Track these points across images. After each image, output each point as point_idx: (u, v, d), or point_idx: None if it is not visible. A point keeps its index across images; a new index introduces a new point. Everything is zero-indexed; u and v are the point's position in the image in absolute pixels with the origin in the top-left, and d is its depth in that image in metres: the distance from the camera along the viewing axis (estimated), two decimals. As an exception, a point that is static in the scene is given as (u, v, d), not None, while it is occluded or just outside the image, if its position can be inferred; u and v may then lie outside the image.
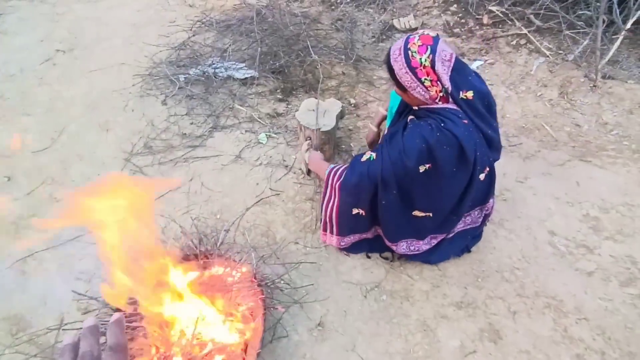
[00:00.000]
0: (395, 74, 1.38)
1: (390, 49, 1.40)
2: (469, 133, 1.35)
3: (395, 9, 3.30)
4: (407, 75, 1.36)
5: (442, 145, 1.34)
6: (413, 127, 1.41)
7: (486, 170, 1.47)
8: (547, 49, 2.83)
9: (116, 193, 0.87)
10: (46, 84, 2.73)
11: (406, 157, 1.38)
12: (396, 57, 1.36)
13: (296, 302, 1.64)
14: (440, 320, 1.63)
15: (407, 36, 1.37)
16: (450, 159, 1.36)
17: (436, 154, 1.35)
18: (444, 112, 1.38)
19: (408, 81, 1.37)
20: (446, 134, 1.33)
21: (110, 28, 3.22)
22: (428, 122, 1.37)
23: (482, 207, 1.66)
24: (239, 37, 3.02)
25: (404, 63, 1.35)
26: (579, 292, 1.69)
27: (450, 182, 1.42)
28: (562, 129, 2.38)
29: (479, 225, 1.77)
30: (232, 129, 2.42)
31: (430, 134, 1.34)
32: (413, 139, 1.37)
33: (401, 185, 1.46)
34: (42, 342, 1.54)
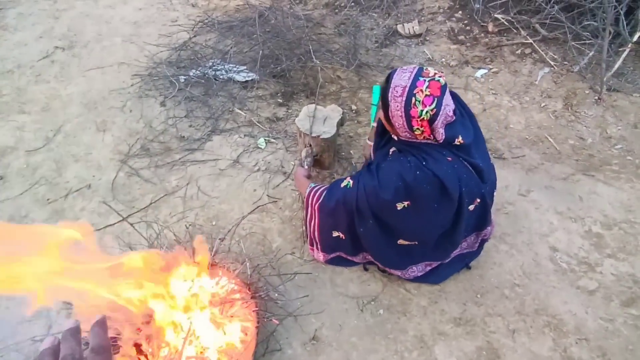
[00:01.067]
0: (389, 110, 1.28)
1: (393, 76, 1.27)
2: (453, 170, 1.30)
3: (400, 14, 3.26)
4: (400, 118, 1.27)
5: (422, 184, 1.29)
6: (391, 162, 1.36)
7: (476, 201, 1.42)
8: (552, 59, 2.79)
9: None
10: (44, 81, 2.69)
11: (382, 192, 1.33)
12: (396, 96, 1.25)
13: (290, 314, 1.61)
14: (437, 337, 1.59)
15: (416, 72, 1.25)
16: (431, 196, 1.31)
17: (415, 192, 1.30)
18: (427, 148, 1.33)
19: (398, 123, 1.29)
20: (426, 172, 1.28)
21: (111, 26, 3.18)
22: (408, 158, 1.31)
23: (479, 233, 1.62)
24: (241, 39, 2.98)
25: (402, 107, 1.24)
26: (579, 311, 1.66)
27: (432, 215, 1.37)
28: (566, 141, 2.34)
29: (476, 251, 1.74)
30: (231, 133, 2.38)
31: (409, 172, 1.29)
32: (390, 175, 1.32)
33: (378, 217, 1.42)
34: (27, 350, 1.50)
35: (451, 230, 1.48)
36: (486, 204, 1.48)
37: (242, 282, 1.54)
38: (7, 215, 1.96)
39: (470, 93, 2.64)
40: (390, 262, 1.62)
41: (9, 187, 2.09)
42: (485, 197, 1.45)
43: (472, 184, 1.35)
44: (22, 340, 1.52)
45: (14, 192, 2.07)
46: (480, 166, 1.38)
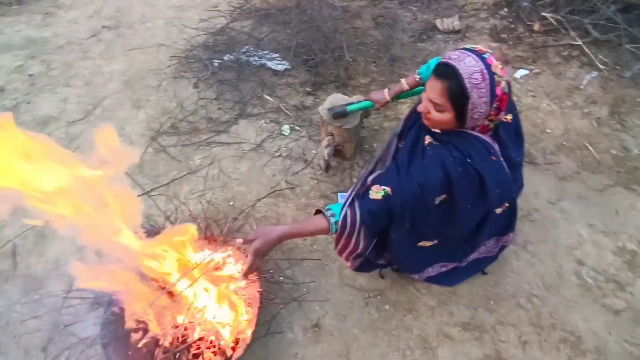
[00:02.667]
0: (470, 103, 1.11)
1: (456, 70, 1.10)
2: (495, 171, 1.21)
3: (441, 8, 3.16)
4: (485, 105, 1.12)
5: (462, 181, 1.19)
6: (434, 155, 1.22)
7: (504, 205, 1.34)
8: (602, 62, 2.60)
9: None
10: (89, 58, 2.85)
11: (427, 190, 1.21)
12: (478, 82, 1.09)
13: (294, 299, 1.61)
14: (443, 339, 1.54)
15: (478, 53, 1.11)
16: (468, 196, 1.22)
17: (454, 188, 1.20)
18: (474, 142, 1.21)
19: (480, 113, 1.14)
20: (470, 171, 1.18)
21: (155, 9, 3.31)
22: (452, 153, 1.19)
23: (499, 238, 1.55)
24: (277, 27, 3.00)
25: (488, 91, 1.10)
26: (601, 331, 1.54)
27: (463, 216, 1.29)
28: (608, 151, 2.18)
29: (494, 256, 1.66)
30: (257, 118, 2.41)
31: (454, 167, 1.18)
32: (435, 169, 1.19)
33: (414, 219, 1.29)
34: (50, 304, 1.61)
35: (474, 233, 1.42)
36: (514, 209, 1.41)
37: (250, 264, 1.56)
38: (45, 179, 2.09)
39: (507, 94, 2.51)
40: (410, 266, 1.57)
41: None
42: (515, 202, 1.37)
43: (507, 187, 1.27)
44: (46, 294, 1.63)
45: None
46: (517, 161, 1.30)
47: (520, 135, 1.39)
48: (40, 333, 1.54)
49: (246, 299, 1.47)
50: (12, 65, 2.79)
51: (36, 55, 2.87)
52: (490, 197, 1.23)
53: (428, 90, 1.19)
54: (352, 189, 1.34)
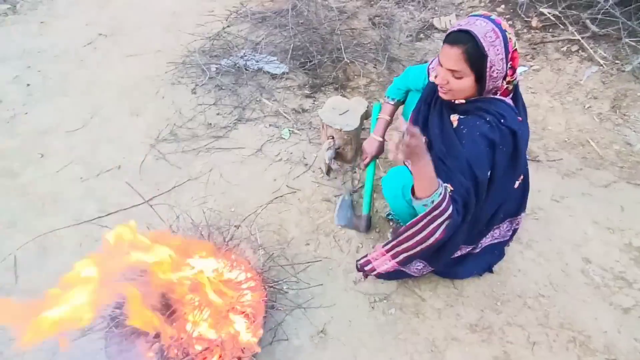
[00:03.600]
0: (488, 61, 1.15)
1: (472, 33, 1.13)
2: (523, 132, 1.23)
3: (438, 7, 3.15)
4: (502, 62, 1.16)
5: (500, 146, 1.19)
6: (470, 132, 1.21)
7: (520, 178, 1.34)
8: (602, 57, 2.59)
9: None
10: (85, 66, 2.83)
11: (477, 169, 1.19)
12: (493, 40, 1.14)
13: (300, 306, 1.60)
14: (450, 342, 1.52)
15: (485, 16, 1.17)
16: (503, 161, 1.22)
17: (496, 156, 1.20)
18: (501, 104, 1.22)
19: (498, 70, 1.17)
20: (504, 131, 1.19)
21: (151, 15, 3.29)
22: (486, 118, 1.19)
23: (513, 220, 1.54)
24: (273, 30, 2.99)
25: (502, 48, 1.15)
26: (611, 330, 1.53)
27: (496, 187, 1.26)
28: (610, 146, 2.16)
29: (507, 240, 1.64)
30: (257, 122, 2.40)
31: (492, 132, 1.18)
32: (477, 144, 1.18)
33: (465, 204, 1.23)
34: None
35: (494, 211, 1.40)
36: (527, 184, 1.40)
37: (254, 270, 1.55)
38: (45, 190, 2.08)
39: (507, 91, 2.50)
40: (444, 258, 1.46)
41: (47, 164, 2.22)
42: (527, 175, 1.37)
43: (526, 154, 1.28)
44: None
45: (52, 170, 2.19)
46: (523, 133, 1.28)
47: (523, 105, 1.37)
48: (44, 347, 1.52)
49: (252, 307, 1.45)
50: (8, 76, 2.77)
51: (33, 65, 2.86)
52: (521, 161, 1.24)
53: (444, 60, 1.20)
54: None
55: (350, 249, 1.80)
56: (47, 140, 2.34)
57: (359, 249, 1.81)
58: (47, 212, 1.98)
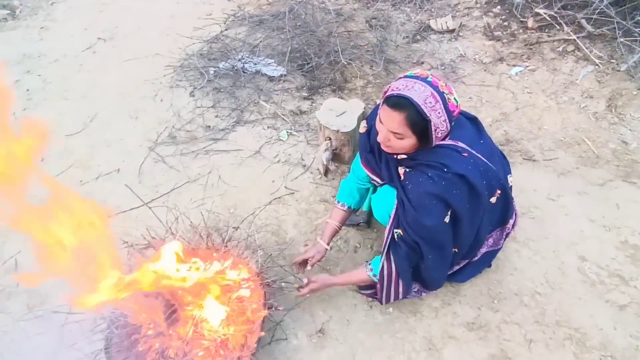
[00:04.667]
0: (432, 125, 1.17)
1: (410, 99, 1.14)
2: (472, 166, 1.25)
3: (434, 8, 3.17)
4: (444, 123, 1.19)
5: (452, 191, 1.24)
6: (413, 187, 1.28)
7: (497, 193, 1.36)
8: (597, 57, 2.60)
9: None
10: (85, 70, 2.86)
11: (424, 220, 1.27)
12: (433, 105, 1.15)
13: (298, 305, 1.61)
14: (447, 340, 1.53)
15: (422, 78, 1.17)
16: (462, 199, 1.26)
17: (450, 201, 1.25)
18: (441, 151, 1.26)
19: (442, 130, 1.20)
20: (450, 178, 1.23)
21: (149, 19, 3.32)
22: (428, 174, 1.25)
23: (503, 228, 1.55)
24: (271, 32, 3.01)
25: (443, 111, 1.17)
26: (607, 327, 1.54)
27: (468, 217, 1.32)
28: (606, 145, 2.18)
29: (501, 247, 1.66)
30: (255, 124, 2.42)
31: (435, 186, 1.23)
32: (421, 200, 1.26)
33: (434, 246, 1.35)
34: (54, 319, 1.60)
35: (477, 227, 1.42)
36: (507, 195, 1.42)
37: (252, 270, 1.56)
38: (44, 195, 2.09)
39: (503, 91, 2.52)
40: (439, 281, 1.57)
41: (47, 168, 2.23)
42: (506, 188, 1.39)
43: (490, 175, 1.30)
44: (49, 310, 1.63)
45: (52, 173, 2.20)
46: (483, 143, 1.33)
47: (470, 119, 1.40)
48: (45, 349, 1.53)
49: (250, 307, 1.46)
50: (8, 80, 2.79)
51: (32, 70, 2.88)
52: (481, 191, 1.27)
53: (386, 121, 1.21)
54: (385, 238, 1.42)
55: (349, 248, 1.82)
56: (47, 144, 2.35)
57: (357, 249, 1.82)
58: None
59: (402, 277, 1.45)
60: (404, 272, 1.43)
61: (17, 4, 3.55)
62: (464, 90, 2.54)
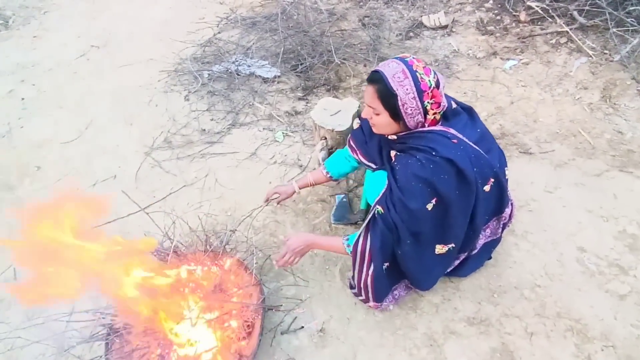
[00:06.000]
0: (398, 100, 1.22)
1: (381, 73, 1.23)
2: (462, 152, 1.26)
3: (426, 5, 3.17)
4: (413, 100, 1.22)
5: (439, 175, 1.24)
6: (401, 168, 1.29)
7: (490, 181, 1.35)
8: (590, 48, 2.61)
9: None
10: (79, 78, 2.86)
11: (409, 202, 1.27)
12: (401, 80, 1.21)
13: (298, 305, 1.61)
14: (449, 335, 1.53)
15: (401, 58, 1.24)
16: (450, 184, 1.26)
17: (437, 186, 1.25)
18: (430, 135, 1.27)
19: (412, 108, 1.24)
20: (438, 162, 1.23)
21: (142, 25, 3.32)
22: (416, 157, 1.26)
23: (499, 217, 1.54)
24: (264, 34, 3.01)
25: (412, 87, 1.21)
26: (607, 317, 1.54)
27: (457, 205, 1.31)
28: (602, 135, 2.18)
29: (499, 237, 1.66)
30: (250, 126, 2.42)
31: (423, 170, 1.24)
32: (408, 182, 1.26)
33: (413, 232, 1.33)
34: (53, 327, 1.60)
35: (472, 216, 1.41)
36: (501, 183, 1.41)
37: (251, 272, 1.56)
38: (42, 202, 2.09)
39: (497, 85, 2.52)
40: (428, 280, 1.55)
41: (44, 177, 2.24)
42: (499, 176, 1.38)
43: (482, 163, 1.30)
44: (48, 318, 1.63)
45: (49, 181, 2.21)
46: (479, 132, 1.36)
47: (466, 109, 1.41)
48: (44, 357, 1.53)
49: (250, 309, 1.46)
50: (3, 90, 2.80)
51: (26, 79, 2.88)
52: (470, 177, 1.27)
53: (365, 96, 1.32)
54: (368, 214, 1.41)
55: (347, 247, 1.81)
56: (43, 153, 2.36)
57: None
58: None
59: (373, 259, 1.40)
60: (375, 251, 1.38)
61: (9, 13, 3.56)
62: (459, 86, 2.54)
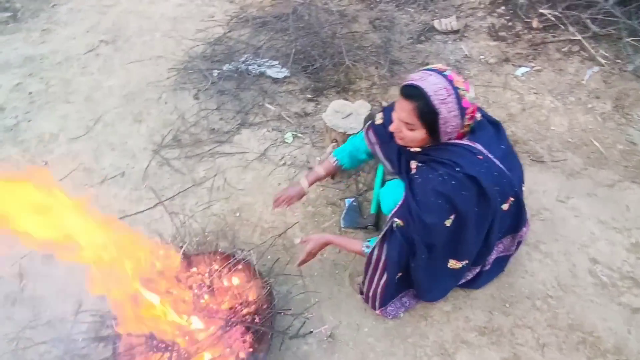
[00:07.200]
0: (440, 118, 1.16)
1: (422, 90, 1.15)
2: (486, 170, 1.23)
3: (438, 9, 3.15)
4: (455, 119, 1.17)
5: (460, 192, 1.21)
6: (422, 182, 1.25)
7: (509, 200, 1.33)
8: (603, 57, 2.59)
9: None
10: (88, 73, 2.84)
11: (426, 216, 1.24)
12: (444, 98, 1.14)
13: (307, 310, 1.59)
14: (460, 345, 1.52)
15: (439, 71, 1.18)
16: (470, 201, 1.23)
17: (456, 202, 1.22)
18: (456, 150, 1.24)
19: (452, 125, 1.18)
20: (460, 178, 1.20)
21: (152, 21, 3.30)
22: (438, 172, 1.22)
23: (514, 235, 1.52)
24: (274, 34, 2.99)
25: (455, 105, 1.15)
26: (620, 330, 1.52)
27: (475, 222, 1.28)
28: (614, 146, 2.16)
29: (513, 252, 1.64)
30: (260, 127, 2.40)
31: (444, 185, 1.21)
32: (427, 197, 1.23)
33: (428, 245, 1.31)
34: (60, 326, 1.58)
35: (487, 233, 1.39)
36: (520, 203, 1.40)
37: (259, 275, 1.54)
38: (49, 198, 2.07)
39: (509, 92, 2.50)
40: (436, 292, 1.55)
41: (51, 172, 2.22)
42: (519, 195, 1.36)
43: (504, 182, 1.28)
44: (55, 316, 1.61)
45: (56, 177, 2.18)
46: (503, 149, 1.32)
47: (494, 123, 1.38)
48: (51, 356, 1.51)
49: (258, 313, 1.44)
50: (10, 83, 2.78)
51: (35, 73, 2.86)
52: (491, 196, 1.24)
53: (398, 110, 1.24)
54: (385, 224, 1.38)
55: (357, 252, 1.80)
56: (50, 148, 2.34)
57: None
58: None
59: (388, 269, 1.40)
60: (391, 263, 1.37)
61: (18, 6, 3.53)
62: (470, 91, 2.53)
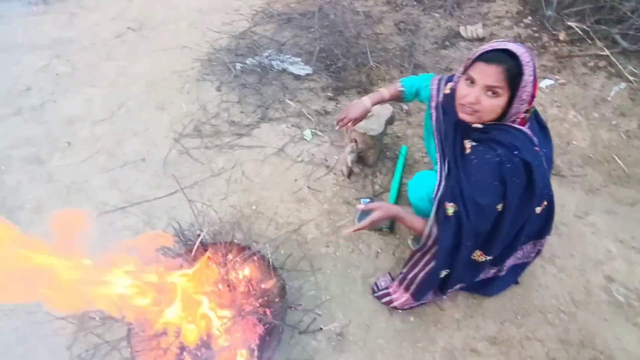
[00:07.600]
0: (522, 80, 1.16)
1: (513, 52, 1.14)
2: (540, 162, 1.21)
3: (464, 15, 3.14)
4: (531, 85, 1.17)
5: (512, 177, 1.19)
6: (479, 163, 1.22)
7: (543, 204, 1.32)
8: (632, 74, 2.55)
9: None
10: (113, 59, 2.88)
11: (480, 197, 1.20)
12: (528, 61, 1.15)
13: (318, 307, 1.60)
14: (469, 353, 1.51)
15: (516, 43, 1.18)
16: (516, 191, 1.20)
17: (507, 187, 1.19)
18: (517, 134, 1.22)
19: (527, 93, 1.18)
20: (516, 163, 1.18)
21: (178, 11, 3.34)
22: (497, 151, 1.20)
23: (537, 242, 1.51)
24: (299, 31, 3.01)
25: (532, 70, 1.16)
26: (635, 351, 1.50)
27: (513, 213, 1.25)
28: (638, 164, 2.13)
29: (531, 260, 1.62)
30: (279, 122, 2.41)
31: (501, 167, 1.18)
32: (484, 177, 1.20)
33: (476, 233, 1.27)
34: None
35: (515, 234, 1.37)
36: (552, 209, 1.38)
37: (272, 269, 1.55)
38: (70, 179, 2.12)
39: (532, 103, 2.48)
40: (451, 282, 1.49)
41: (74, 153, 2.26)
42: (552, 201, 1.35)
43: (547, 181, 1.26)
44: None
45: (78, 158, 2.23)
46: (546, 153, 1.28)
47: (542, 126, 1.37)
48: (66, 332, 1.55)
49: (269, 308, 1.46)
50: (38, 64, 2.84)
51: (62, 55, 2.92)
52: (536, 190, 1.22)
53: (482, 77, 1.18)
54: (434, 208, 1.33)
55: (370, 253, 1.80)
56: (74, 129, 2.38)
57: (379, 254, 1.81)
58: (72, 200, 2.02)
59: (437, 257, 1.32)
60: (443, 251, 1.29)
61: (49, -11, 3.61)
62: (492, 100, 2.51)
